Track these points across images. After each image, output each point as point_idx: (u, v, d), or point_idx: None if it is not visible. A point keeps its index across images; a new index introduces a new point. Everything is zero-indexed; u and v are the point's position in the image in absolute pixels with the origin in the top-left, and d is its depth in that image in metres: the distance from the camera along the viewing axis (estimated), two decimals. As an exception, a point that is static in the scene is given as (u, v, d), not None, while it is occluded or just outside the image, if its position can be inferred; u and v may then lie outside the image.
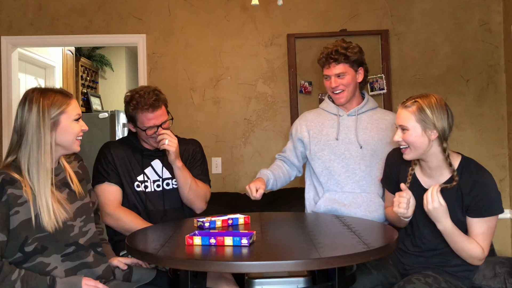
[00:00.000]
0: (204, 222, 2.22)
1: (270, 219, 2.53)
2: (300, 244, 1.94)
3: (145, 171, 2.70)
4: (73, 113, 2.04)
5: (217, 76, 4.18)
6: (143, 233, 2.25)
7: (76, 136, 2.06)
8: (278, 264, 1.66)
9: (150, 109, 2.56)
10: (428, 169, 2.23)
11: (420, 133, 2.13)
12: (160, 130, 2.57)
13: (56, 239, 1.95)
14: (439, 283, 2.08)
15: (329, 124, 2.77)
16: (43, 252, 1.93)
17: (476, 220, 2.10)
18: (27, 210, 1.90)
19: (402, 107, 2.19)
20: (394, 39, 4.16)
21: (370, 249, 1.76)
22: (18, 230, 1.89)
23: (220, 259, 1.73)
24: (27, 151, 1.94)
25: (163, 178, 2.71)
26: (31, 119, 1.95)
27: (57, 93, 2.03)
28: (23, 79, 4.70)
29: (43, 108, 1.96)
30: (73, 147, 2.07)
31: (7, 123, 4.04)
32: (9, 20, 4.12)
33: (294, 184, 4.14)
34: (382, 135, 2.69)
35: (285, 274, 2.28)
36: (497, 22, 4.13)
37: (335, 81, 2.68)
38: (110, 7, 4.16)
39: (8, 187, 1.87)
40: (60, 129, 2.01)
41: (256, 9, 4.16)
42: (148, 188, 2.68)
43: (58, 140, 2.02)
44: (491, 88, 4.12)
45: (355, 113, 2.74)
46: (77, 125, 2.06)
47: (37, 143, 1.94)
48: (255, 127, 4.18)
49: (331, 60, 2.67)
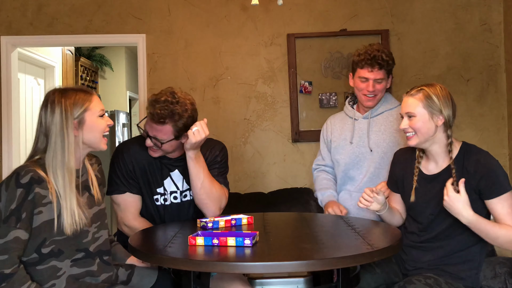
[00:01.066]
0: (207, 222, 2.22)
1: (273, 219, 2.52)
2: (304, 245, 1.93)
3: (164, 182, 2.54)
4: (97, 109, 2.03)
5: (217, 76, 4.18)
6: (146, 234, 2.24)
7: (102, 132, 2.05)
8: (281, 265, 1.65)
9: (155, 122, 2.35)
10: (429, 156, 2.26)
11: (427, 119, 2.16)
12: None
13: (71, 244, 1.95)
14: (440, 284, 2.08)
15: (347, 128, 2.84)
16: (59, 256, 1.92)
17: (495, 201, 2.09)
18: (50, 211, 1.89)
19: (407, 95, 2.23)
20: (394, 39, 4.16)
21: (374, 250, 1.76)
22: (39, 231, 1.88)
23: (223, 260, 1.73)
24: (51, 153, 1.93)
25: (181, 191, 2.57)
26: (54, 121, 1.93)
27: (78, 91, 2.02)
28: (22, 79, 4.69)
29: (66, 108, 1.94)
30: (101, 145, 2.06)
31: (7, 123, 4.03)
32: (9, 20, 4.11)
33: (294, 184, 4.15)
34: (395, 137, 2.72)
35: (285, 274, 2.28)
36: (497, 22, 4.13)
37: (373, 85, 2.70)
38: (110, 7, 4.15)
39: (36, 186, 1.86)
40: (86, 127, 2.00)
41: (256, 9, 4.15)
42: (167, 201, 2.55)
43: (86, 139, 2.01)
44: (491, 88, 4.13)
45: (368, 117, 2.79)
46: (103, 121, 2.05)
47: (61, 145, 1.93)
48: (255, 127, 4.18)
49: (376, 64, 2.67)
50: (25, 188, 1.83)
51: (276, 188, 4.09)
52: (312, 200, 3.93)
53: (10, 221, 1.80)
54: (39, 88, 5.18)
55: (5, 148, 4.02)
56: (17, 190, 1.82)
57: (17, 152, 4.13)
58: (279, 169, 4.17)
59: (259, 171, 4.18)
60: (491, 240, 2.07)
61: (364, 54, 2.71)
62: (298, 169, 4.17)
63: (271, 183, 4.15)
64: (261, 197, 4.00)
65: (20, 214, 1.82)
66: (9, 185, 1.83)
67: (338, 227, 2.18)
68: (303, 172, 4.16)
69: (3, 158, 4.02)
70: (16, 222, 1.81)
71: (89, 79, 6.60)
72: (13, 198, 1.82)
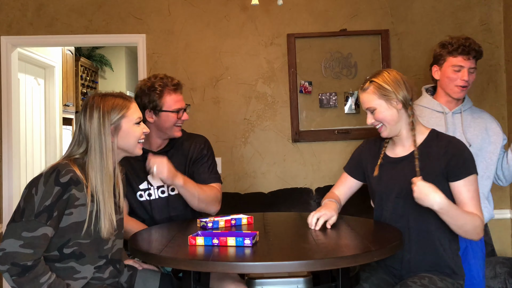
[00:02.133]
0: (207, 222, 2.22)
1: (273, 219, 2.52)
2: (304, 245, 1.93)
3: (148, 177, 2.57)
4: (134, 116, 2.06)
5: (217, 76, 4.18)
6: (146, 234, 2.24)
7: (137, 139, 2.08)
8: (281, 265, 1.66)
9: (176, 91, 2.53)
10: (396, 140, 2.28)
11: (386, 107, 2.20)
12: (150, 156, 2.35)
13: (94, 249, 1.97)
14: (435, 283, 2.08)
15: (435, 122, 2.68)
16: (79, 259, 1.95)
17: (461, 183, 2.10)
18: (81, 213, 1.92)
19: (361, 91, 2.27)
20: (394, 39, 4.16)
21: (373, 250, 1.76)
22: (65, 231, 1.91)
23: (223, 260, 1.73)
24: (92, 157, 1.97)
25: (167, 184, 2.56)
26: (92, 125, 1.98)
27: (117, 97, 2.05)
28: (23, 79, 4.69)
29: (103, 113, 1.99)
30: (136, 150, 2.09)
31: (7, 123, 4.03)
32: (9, 20, 4.11)
33: (294, 184, 4.15)
34: (484, 134, 2.65)
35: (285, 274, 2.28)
36: (497, 22, 4.13)
37: (467, 75, 2.61)
38: (110, 7, 4.15)
39: (73, 187, 1.89)
40: (121, 133, 2.03)
41: (256, 9, 4.15)
42: (153, 196, 2.58)
43: (120, 144, 2.05)
44: (491, 88, 4.13)
45: (460, 111, 2.70)
46: (139, 128, 2.08)
47: (99, 149, 1.97)
48: (255, 127, 4.18)
49: (473, 51, 2.60)
50: (63, 188, 1.87)
51: (276, 188, 4.10)
52: (312, 200, 3.93)
53: (41, 217, 1.84)
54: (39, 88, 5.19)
55: (5, 148, 4.02)
56: (55, 187, 1.86)
57: (17, 152, 4.13)
58: (279, 169, 4.18)
59: (259, 171, 4.18)
60: (457, 228, 2.05)
61: (457, 42, 2.61)
62: (298, 169, 4.17)
63: (271, 183, 4.15)
64: (261, 197, 4.01)
65: (52, 212, 1.85)
66: (48, 181, 1.86)
67: (338, 227, 2.18)
68: (303, 172, 4.16)
69: (3, 158, 4.02)
70: (47, 219, 1.85)
71: (89, 79, 6.60)
72: (49, 194, 1.85)
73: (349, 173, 2.47)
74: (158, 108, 2.52)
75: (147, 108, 2.54)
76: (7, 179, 4.01)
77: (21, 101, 4.54)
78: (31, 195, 1.86)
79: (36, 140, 4.95)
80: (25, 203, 1.86)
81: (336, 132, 4.10)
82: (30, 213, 1.84)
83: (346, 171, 2.49)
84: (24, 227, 1.83)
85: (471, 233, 2.07)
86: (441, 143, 2.18)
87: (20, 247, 1.81)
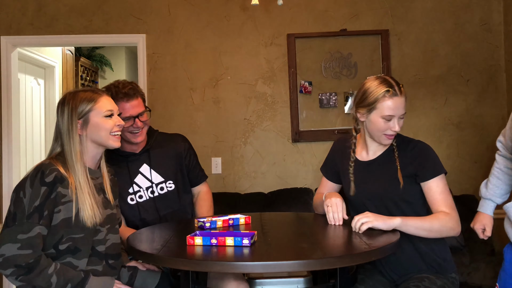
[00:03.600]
0: (205, 222, 2.21)
1: (271, 219, 2.52)
2: (302, 244, 1.93)
3: (135, 180, 2.59)
4: (102, 109, 2.07)
5: (217, 76, 4.18)
6: (144, 234, 2.24)
7: (109, 131, 2.07)
8: (279, 265, 1.65)
9: (125, 98, 2.48)
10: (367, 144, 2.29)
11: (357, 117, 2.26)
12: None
13: (86, 242, 1.99)
14: (434, 282, 2.09)
15: None
16: (75, 254, 1.97)
17: (431, 182, 2.12)
18: (68, 209, 1.94)
19: (393, 96, 2.12)
20: (394, 39, 4.16)
21: (371, 249, 1.75)
22: (57, 228, 1.93)
23: (222, 260, 1.72)
24: (66, 152, 2.01)
25: (156, 183, 2.61)
26: (63, 121, 2.03)
27: (87, 91, 2.08)
28: (23, 79, 4.69)
29: (72, 108, 2.02)
30: (109, 142, 2.09)
31: (7, 123, 4.03)
32: (9, 20, 4.11)
33: (294, 184, 4.15)
34: None
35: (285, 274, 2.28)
36: (497, 22, 4.13)
37: None
38: (110, 7, 4.15)
39: (59, 185, 1.92)
40: (90, 126, 2.05)
41: (256, 9, 4.15)
42: (143, 197, 2.60)
43: (92, 138, 2.06)
44: (491, 88, 4.12)
45: None
46: (110, 121, 2.08)
47: (69, 143, 2.01)
48: (255, 127, 4.18)
49: None
50: (49, 187, 1.90)
51: (276, 188, 4.09)
52: (312, 200, 3.93)
53: (33, 217, 1.87)
54: (39, 88, 5.19)
55: (5, 148, 4.02)
56: (41, 188, 1.89)
57: (17, 152, 4.14)
58: (279, 169, 4.17)
59: (259, 171, 4.18)
60: (427, 233, 2.06)
61: None
62: (298, 169, 4.17)
63: (271, 183, 4.15)
64: (261, 197, 4.00)
65: (43, 211, 1.88)
66: (34, 182, 1.89)
67: (336, 226, 2.18)
68: (303, 172, 4.16)
69: (3, 158, 4.02)
70: (39, 219, 1.88)
71: (89, 79, 6.60)
72: (37, 195, 1.88)
73: (326, 176, 2.48)
74: None
75: None
76: (7, 179, 4.01)
77: (21, 101, 4.54)
78: (19, 199, 1.89)
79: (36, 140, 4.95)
80: (15, 207, 1.89)
81: (336, 132, 4.10)
82: (22, 216, 1.87)
83: (324, 174, 2.50)
84: (19, 230, 1.86)
85: (444, 232, 2.07)
86: (409, 147, 2.20)
87: (18, 249, 1.84)
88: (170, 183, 2.64)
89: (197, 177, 2.77)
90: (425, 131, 4.11)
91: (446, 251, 2.24)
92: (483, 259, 3.50)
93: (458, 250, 3.58)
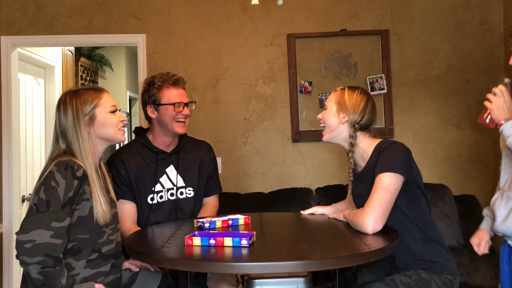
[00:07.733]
0: (204, 222, 2.21)
1: (270, 219, 2.52)
2: (301, 245, 1.93)
3: (160, 180, 2.59)
4: (107, 105, 2.09)
5: (217, 76, 4.18)
6: (142, 234, 2.24)
7: (116, 127, 2.10)
8: (278, 265, 1.65)
9: (176, 85, 2.55)
10: (355, 157, 2.32)
11: (333, 113, 2.29)
12: None
13: (90, 244, 1.98)
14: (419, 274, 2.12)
15: None
16: (76, 255, 1.96)
17: (377, 177, 2.12)
18: (84, 207, 1.95)
19: (333, 91, 2.37)
20: (394, 39, 4.15)
21: (371, 250, 1.75)
22: (71, 226, 1.93)
23: (220, 260, 1.73)
24: (75, 151, 2.01)
25: (177, 187, 2.61)
26: (68, 120, 2.02)
27: (88, 89, 2.10)
28: (22, 79, 4.69)
29: (76, 106, 2.03)
30: (118, 137, 2.11)
31: (7, 123, 4.03)
32: (9, 20, 4.11)
33: (294, 184, 4.15)
34: None
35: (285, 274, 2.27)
36: (497, 22, 4.13)
37: None
38: (110, 7, 4.15)
39: (85, 181, 1.94)
40: (97, 122, 2.06)
41: (256, 9, 4.15)
42: (163, 198, 2.59)
43: (100, 134, 2.08)
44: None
45: None
46: (115, 116, 2.10)
47: (77, 140, 2.01)
48: (255, 127, 4.18)
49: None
50: (80, 182, 1.92)
51: (276, 188, 4.09)
52: (312, 200, 3.92)
53: (66, 208, 1.87)
54: (39, 88, 5.18)
55: (5, 148, 4.02)
56: (74, 181, 1.90)
57: (17, 152, 4.13)
58: (279, 169, 4.17)
59: (259, 171, 4.17)
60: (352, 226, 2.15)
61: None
62: (298, 169, 4.17)
63: (271, 183, 4.15)
64: (261, 197, 4.00)
65: (73, 204, 1.90)
66: (67, 175, 1.89)
67: (335, 227, 2.18)
68: (303, 172, 4.16)
69: (3, 158, 4.02)
70: (70, 210, 1.89)
71: (89, 79, 6.60)
72: (71, 187, 1.88)
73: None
74: (157, 102, 2.55)
75: (148, 103, 2.59)
76: (7, 179, 4.01)
77: (21, 101, 4.53)
78: (52, 187, 1.86)
79: (36, 140, 4.95)
80: (48, 195, 1.85)
81: (336, 132, 4.09)
82: (57, 203, 1.84)
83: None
84: (53, 217, 1.82)
85: (358, 226, 2.09)
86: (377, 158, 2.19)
87: (51, 237, 1.79)
88: (190, 189, 2.64)
89: (211, 188, 2.76)
90: (425, 131, 4.11)
91: (437, 253, 2.23)
92: (483, 259, 3.49)
93: (458, 250, 3.58)
